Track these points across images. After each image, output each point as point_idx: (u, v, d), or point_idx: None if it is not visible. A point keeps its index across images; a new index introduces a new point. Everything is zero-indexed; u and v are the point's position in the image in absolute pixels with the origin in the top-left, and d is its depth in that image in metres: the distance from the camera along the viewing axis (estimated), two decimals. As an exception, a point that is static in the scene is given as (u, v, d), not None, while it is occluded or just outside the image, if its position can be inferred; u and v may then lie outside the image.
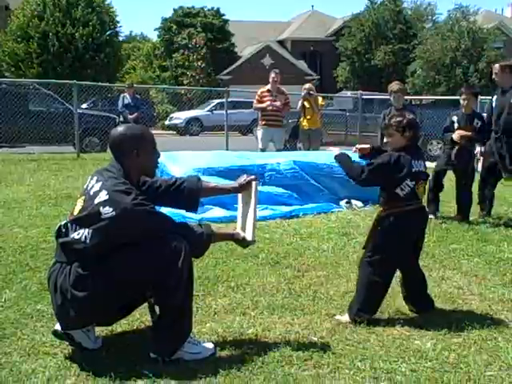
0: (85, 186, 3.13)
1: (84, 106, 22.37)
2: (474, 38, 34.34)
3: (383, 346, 3.33)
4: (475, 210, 7.07)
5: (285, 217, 6.81)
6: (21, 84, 16.66)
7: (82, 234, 2.98)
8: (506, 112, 6.68)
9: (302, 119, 11.06)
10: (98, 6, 31.54)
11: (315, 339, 3.41)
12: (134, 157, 3.13)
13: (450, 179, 7.22)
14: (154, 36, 44.83)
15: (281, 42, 44.84)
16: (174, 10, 41.96)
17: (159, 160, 3.35)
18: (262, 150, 10.38)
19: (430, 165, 7.34)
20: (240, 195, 3.57)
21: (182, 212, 4.87)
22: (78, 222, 3.02)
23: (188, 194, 3.40)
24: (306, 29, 45.53)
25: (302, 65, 42.17)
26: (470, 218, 6.82)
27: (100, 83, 20.58)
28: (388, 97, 7.81)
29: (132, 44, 52.52)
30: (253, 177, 3.51)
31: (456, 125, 6.77)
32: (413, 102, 20.46)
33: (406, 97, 7.66)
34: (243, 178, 3.51)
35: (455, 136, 6.65)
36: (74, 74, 27.74)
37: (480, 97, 13.88)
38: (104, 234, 2.94)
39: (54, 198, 7.77)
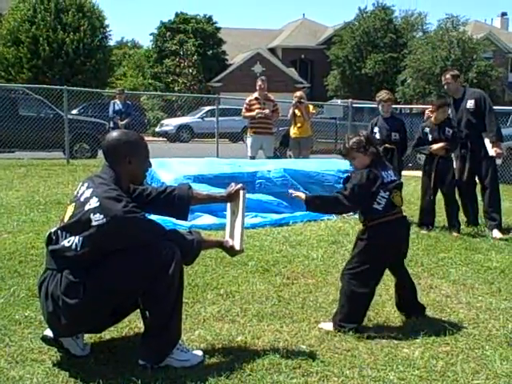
0: (75, 193, 3.13)
1: (74, 111, 22.32)
2: (464, 48, 34.61)
3: (372, 354, 3.34)
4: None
5: (275, 224, 6.82)
6: (11, 89, 16.59)
7: (72, 241, 2.97)
8: (466, 118, 6.86)
9: (292, 127, 11.09)
10: (88, 11, 31.48)
11: (304, 347, 3.42)
12: (126, 163, 3.13)
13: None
14: (145, 42, 44.78)
15: (272, 50, 44.98)
16: (177, 14, 41.82)
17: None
18: (252, 158, 10.40)
19: (418, 173, 7.41)
20: (229, 204, 3.58)
21: (172, 219, 4.87)
22: (69, 229, 3.02)
23: (178, 201, 3.40)
24: (296, 37, 45.73)
25: (292, 73, 42.31)
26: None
27: (90, 89, 20.55)
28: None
29: (123, 50, 52.47)
30: (240, 186, 3.51)
31: (430, 136, 6.82)
32: (402, 111, 20.58)
33: (396, 106, 7.71)
34: (231, 188, 3.52)
35: (434, 148, 6.72)
36: (65, 79, 27.71)
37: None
38: (95, 241, 2.94)
39: (44, 204, 7.74)
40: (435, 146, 6.72)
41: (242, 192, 3.46)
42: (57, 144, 14.30)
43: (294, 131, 11.04)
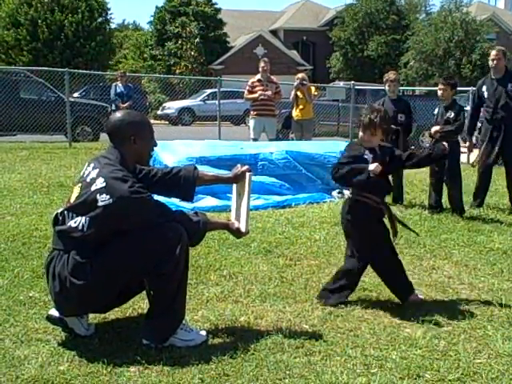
0: (81, 174, 3.14)
1: (76, 94, 22.26)
2: (467, 29, 34.36)
3: (374, 334, 3.36)
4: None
5: (277, 206, 6.83)
6: (12, 72, 16.53)
7: (79, 221, 2.98)
8: (504, 101, 6.76)
9: (294, 109, 11.06)
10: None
11: (307, 327, 3.44)
12: (130, 143, 3.13)
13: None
14: (146, 25, 44.64)
15: (273, 32, 44.70)
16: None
17: None
18: (254, 140, 10.38)
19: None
20: (234, 186, 3.56)
21: (176, 201, 4.87)
22: (75, 209, 3.03)
23: (184, 182, 3.39)
24: (298, 18, 45.42)
25: (294, 55, 42.08)
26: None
27: (92, 71, 20.48)
28: (380, 87, 7.83)
29: (124, 33, 52.21)
30: (246, 167, 3.49)
31: (435, 117, 6.79)
32: (405, 93, 20.50)
33: (399, 88, 7.66)
34: (238, 169, 3.48)
35: (431, 132, 6.70)
36: (65, 61, 27.61)
37: (473, 88, 13.95)
38: (101, 221, 2.95)
39: (46, 186, 7.76)
40: (433, 129, 6.69)
41: (248, 174, 3.43)
42: (59, 127, 14.27)
43: (296, 113, 11.01)
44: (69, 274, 2.96)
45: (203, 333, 3.26)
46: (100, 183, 2.96)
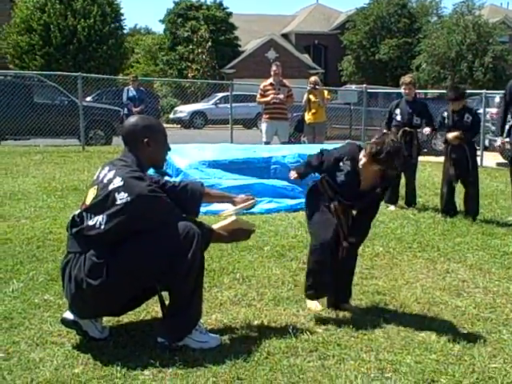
0: (95, 177, 3.16)
1: (88, 98, 22.38)
2: (480, 32, 34.18)
3: (388, 338, 3.34)
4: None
5: (290, 210, 6.83)
6: (26, 76, 16.65)
7: (96, 220, 3.00)
8: None
9: (306, 113, 11.06)
10: (98, -2, 31.40)
11: (320, 331, 3.43)
12: (145, 147, 3.16)
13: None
14: (158, 29, 44.94)
15: (285, 36, 44.73)
16: (175, 2, 41.86)
17: None
18: (267, 143, 10.39)
19: (435, 159, 7.37)
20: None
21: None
22: (93, 209, 3.05)
23: (191, 196, 3.39)
24: (310, 22, 45.42)
25: (306, 58, 42.08)
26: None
27: (105, 76, 20.58)
28: (392, 90, 7.82)
29: (136, 37, 52.45)
30: (254, 200, 3.54)
31: (446, 121, 6.74)
32: (418, 96, 20.42)
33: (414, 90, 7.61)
34: (245, 197, 3.53)
35: (449, 138, 6.63)
36: (78, 66, 27.76)
37: (486, 91, 13.88)
38: (119, 219, 2.96)
39: (60, 190, 7.80)
40: (449, 135, 6.64)
41: (250, 203, 3.49)
42: (72, 131, 14.36)
43: (308, 117, 11.01)
44: (85, 276, 2.97)
45: (217, 336, 3.26)
46: (118, 182, 2.99)
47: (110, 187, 2.99)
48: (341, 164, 3.64)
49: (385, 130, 7.21)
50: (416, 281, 4.42)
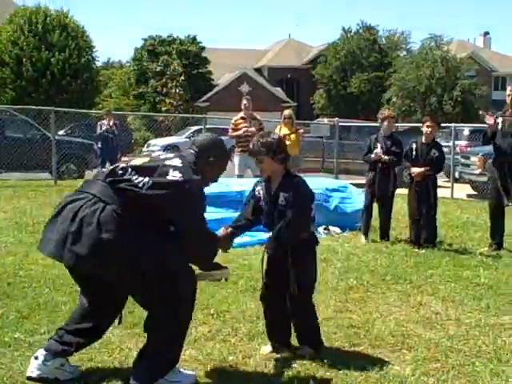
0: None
1: (61, 132, 22.25)
2: (448, 66, 35.06)
3: (363, 372, 3.34)
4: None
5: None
6: (-3, 110, 16.54)
7: (141, 180, 2.98)
8: None
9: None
10: (72, 31, 31.51)
11: (296, 365, 3.42)
12: (207, 163, 3.25)
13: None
14: (128, 63, 45.42)
15: (258, 70, 45.27)
16: (144, 39, 42.39)
17: None
18: (240, 177, 10.42)
19: (404, 191, 7.46)
20: None
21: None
22: (142, 170, 3.03)
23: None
24: (282, 56, 46.11)
25: (279, 92, 42.57)
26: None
27: (78, 110, 20.53)
28: (364, 124, 7.89)
29: (110, 71, 52.61)
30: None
31: (414, 153, 6.87)
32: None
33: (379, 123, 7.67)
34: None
35: (414, 173, 6.78)
36: (50, 99, 27.63)
37: (455, 124, 14.16)
38: (161, 191, 2.95)
39: (32, 225, 7.69)
40: (414, 170, 6.78)
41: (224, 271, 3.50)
42: (44, 165, 14.23)
43: (282, 150, 11.06)
44: (96, 222, 2.88)
45: (191, 373, 3.23)
46: (177, 162, 3.06)
47: (167, 162, 3.06)
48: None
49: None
50: (390, 314, 4.44)
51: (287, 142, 10.74)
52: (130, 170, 3.04)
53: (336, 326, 4.11)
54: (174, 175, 2.97)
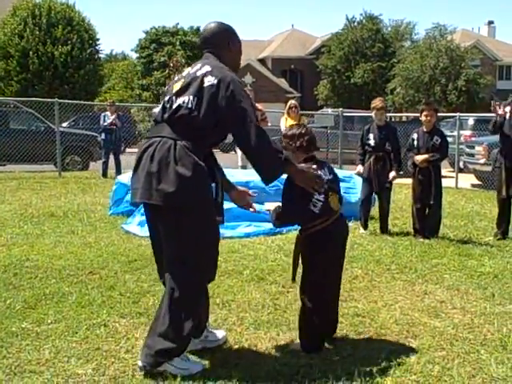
0: (177, 76, 3.28)
1: (65, 124, 22.28)
2: (452, 56, 34.91)
3: (368, 360, 3.35)
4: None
5: (269, 233, 6.84)
6: (1, 102, 16.56)
7: (186, 100, 3.07)
8: None
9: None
10: (77, 25, 31.57)
11: (302, 354, 3.43)
12: (228, 49, 3.29)
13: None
14: (134, 55, 45.22)
15: (261, 61, 45.17)
16: (146, 32, 42.21)
17: None
18: (243, 168, 10.41)
19: (409, 181, 7.45)
20: None
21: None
22: (181, 92, 3.11)
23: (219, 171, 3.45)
24: (286, 47, 45.97)
25: (282, 83, 42.50)
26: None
27: (81, 101, 20.53)
28: (368, 114, 7.85)
29: (113, 63, 52.57)
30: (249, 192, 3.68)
31: (416, 143, 6.85)
32: (393, 119, 20.71)
33: (386, 114, 7.65)
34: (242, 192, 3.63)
35: (418, 160, 6.75)
36: (53, 91, 27.67)
37: (460, 114, 14.12)
38: (205, 101, 3.02)
39: (37, 216, 7.73)
40: (418, 158, 6.75)
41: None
42: (48, 157, 14.28)
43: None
44: (173, 159, 2.98)
45: (198, 362, 3.24)
46: (206, 68, 3.12)
47: (198, 73, 3.11)
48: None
49: (360, 156, 7.28)
50: (395, 302, 4.45)
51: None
52: (174, 98, 3.13)
53: (341, 314, 4.11)
54: (208, 80, 3.05)
